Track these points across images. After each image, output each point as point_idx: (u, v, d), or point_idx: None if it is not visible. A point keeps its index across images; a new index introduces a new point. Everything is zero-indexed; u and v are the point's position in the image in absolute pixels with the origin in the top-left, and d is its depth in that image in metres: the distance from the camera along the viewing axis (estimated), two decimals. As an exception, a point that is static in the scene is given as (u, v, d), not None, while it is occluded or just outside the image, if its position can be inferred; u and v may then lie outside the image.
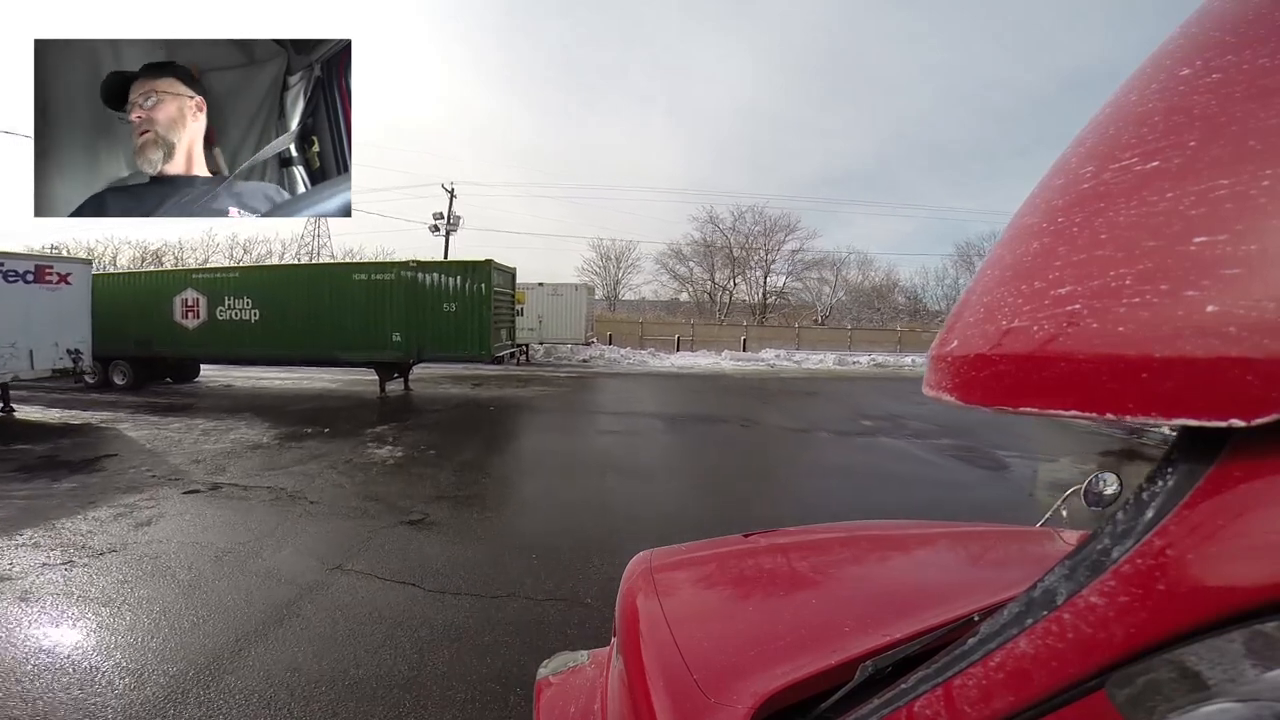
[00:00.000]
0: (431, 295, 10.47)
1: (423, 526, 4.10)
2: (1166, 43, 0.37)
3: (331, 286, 10.82)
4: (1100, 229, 0.33)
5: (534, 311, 18.55)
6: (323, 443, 6.73)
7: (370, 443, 6.74)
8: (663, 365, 18.96)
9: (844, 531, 1.54)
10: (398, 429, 7.53)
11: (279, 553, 3.61)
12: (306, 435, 7.10)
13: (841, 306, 35.51)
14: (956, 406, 0.39)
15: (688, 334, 24.26)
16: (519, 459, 6.22)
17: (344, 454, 6.18)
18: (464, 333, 10.50)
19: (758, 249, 34.38)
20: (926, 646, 0.74)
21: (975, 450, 6.80)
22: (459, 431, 7.42)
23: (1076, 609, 0.35)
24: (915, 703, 0.47)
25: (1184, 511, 0.31)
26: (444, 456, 6.08)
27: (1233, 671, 0.27)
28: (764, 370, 18.51)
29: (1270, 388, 0.24)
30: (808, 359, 21.42)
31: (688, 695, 0.80)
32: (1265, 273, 0.25)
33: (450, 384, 12.65)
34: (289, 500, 4.67)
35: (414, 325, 10.50)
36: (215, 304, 11.39)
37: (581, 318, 19.35)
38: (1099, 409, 0.29)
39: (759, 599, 1.12)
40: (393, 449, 6.41)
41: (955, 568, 1.34)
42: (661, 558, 1.30)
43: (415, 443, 6.72)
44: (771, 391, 12.74)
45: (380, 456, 6.09)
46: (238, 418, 8.32)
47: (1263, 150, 0.27)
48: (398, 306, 10.51)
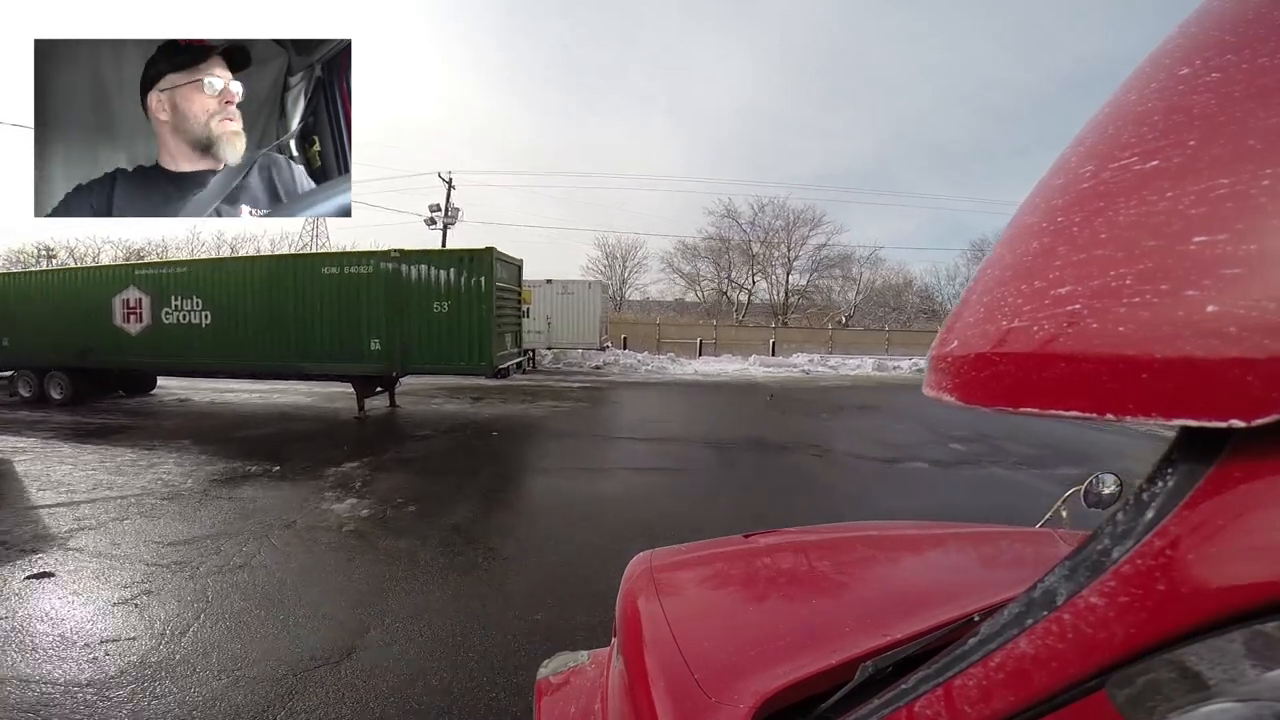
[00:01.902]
0: (418, 292, 8.51)
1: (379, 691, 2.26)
2: (1166, 42, 0.37)
3: (295, 282, 8.83)
4: (1100, 228, 0.33)
5: (541, 312, 16.54)
6: (266, 489, 5.05)
7: (330, 491, 4.97)
8: (685, 372, 17.29)
9: (844, 532, 1.55)
10: (371, 467, 5.79)
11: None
12: (248, 476, 5.46)
13: (863, 306, 33.27)
14: (957, 407, 0.39)
15: (709, 336, 22.61)
16: (534, 521, 4.34)
17: (288, 511, 4.43)
18: (459, 339, 8.55)
19: (779, 244, 32.13)
20: (927, 647, 0.74)
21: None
22: (451, 472, 5.70)
23: (1076, 609, 0.35)
24: (915, 703, 0.47)
25: (1184, 512, 0.31)
26: (427, 516, 4.34)
27: (1233, 671, 0.27)
28: (800, 378, 16.60)
29: (1270, 388, 0.24)
30: (843, 364, 19.48)
31: (689, 694, 0.80)
32: (1265, 273, 0.25)
33: (444, 398, 10.84)
34: (147, 632, 2.66)
35: (396, 330, 8.57)
36: (161, 305, 9.50)
37: (595, 319, 17.31)
38: (1099, 409, 0.29)
39: (759, 599, 1.13)
40: (358, 503, 4.67)
41: (955, 568, 1.34)
42: (662, 558, 1.30)
43: (391, 492, 4.97)
44: (821, 405, 10.85)
45: (338, 517, 4.32)
46: (173, 446, 6.71)
47: (1263, 150, 0.27)
48: (376, 307, 8.59)
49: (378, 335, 8.64)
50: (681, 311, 33.35)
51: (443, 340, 8.59)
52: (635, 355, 18.91)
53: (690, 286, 35.30)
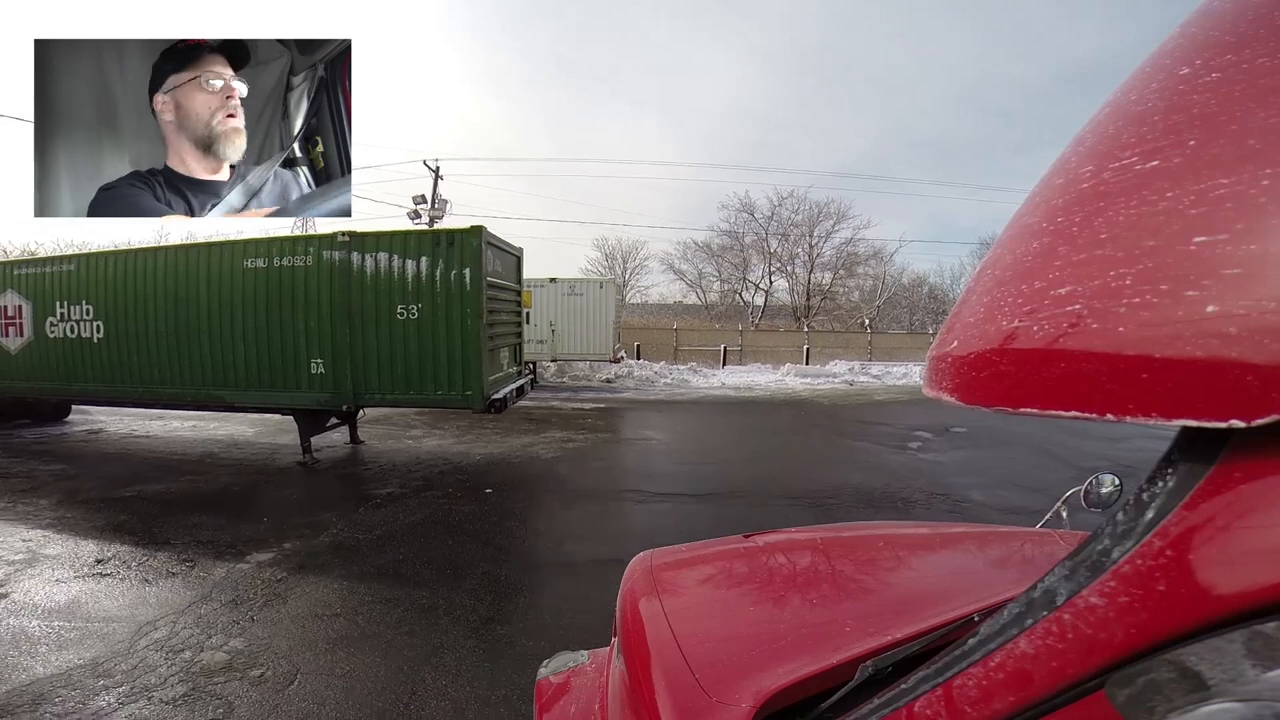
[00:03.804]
0: (377, 292, 5.97)
1: None
2: (1166, 42, 0.37)
3: (209, 281, 6.34)
4: (1100, 229, 0.33)
5: (544, 317, 13.90)
6: (91, 617, 2.97)
7: (197, 625, 2.87)
8: (711, 385, 14.78)
9: (844, 532, 1.55)
10: (292, 563, 3.67)
11: None
12: (89, 574, 3.49)
13: (883, 307, 29.04)
14: (957, 407, 0.39)
15: (732, 342, 19.66)
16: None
17: (94, 675, 2.46)
18: (434, 358, 5.98)
19: (802, 240, 28.50)
20: (927, 647, 0.74)
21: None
22: (419, 575, 3.54)
23: (1076, 609, 0.35)
24: (915, 703, 0.47)
25: (1184, 512, 0.31)
26: (364, 703, 2.30)
27: (1233, 671, 0.27)
28: (845, 390, 14.11)
29: (1270, 388, 0.24)
30: (887, 373, 16.83)
31: (689, 694, 0.80)
32: (1265, 273, 0.25)
33: (424, 428, 8.41)
34: None
35: (346, 346, 6.05)
36: (44, 314, 7.18)
37: (608, 325, 14.47)
38: (1099, 410, 0.29)
39: (760, 599, 1.13)
40: (234, 659, 2.58)
41: (955, 568, 1.34)
42: (663, 558, 1.30)
43: (307, 626, 2.88)
44: (896, 429, 8.43)
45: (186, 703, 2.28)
46: (21, 512, 4.68)
47: (1263, 150, 0.27)
48: (318, 313, 6.06)
49: (321, 354, 6.10)
50: (694, 315, 29.50)
51: (411, 360, 5.99)
52: (651, 366, 16.52)
53: (692, 288, 32.06)
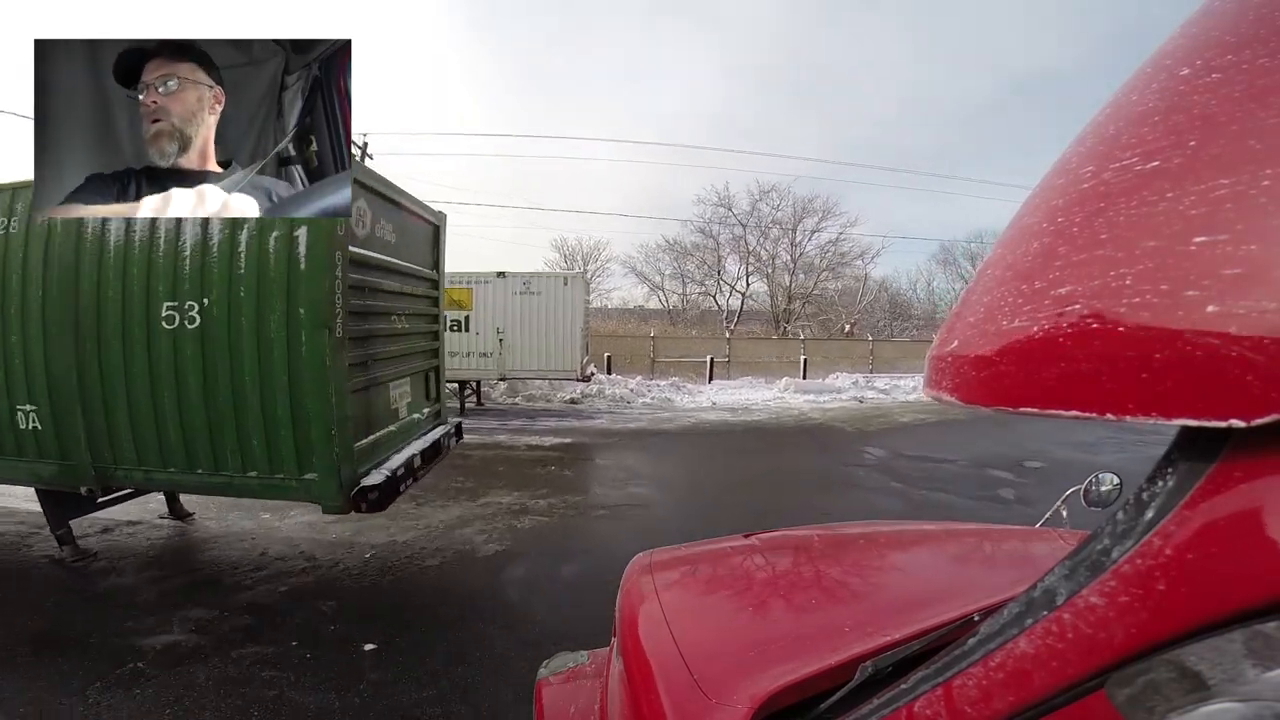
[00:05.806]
0: (124, 277, 3.05)
1: None
2: (1167, 42, 0.37)
3: None
4: (1100, 229, 0.33)
5: (488, 322, 10.46)
6: None
7: None
8: (700, 406, 11.95)
9: (844, 532, 1.55)
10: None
11: None
12: None
13: (863, 312, 26.27)
14: (957, 407, 0.39)
15: (719, 352, 16.68)
16: None
17: None
18: (238, 402, 2.98)
19: (782, 238, 26.02)
20: (926, 647, 0.74)
21: None
22: None
23: (1076, 609, 0.35)
24: (915, 703, 0.47)
25: (1184, 511, 0.31)
26: None
27: (1233, 671, 0.27)
28: (862, 410, 11.42)
29: (1270, 388, 0.24)
30: (895, 386, 14.49)
31: (688, 695, 0.80)
32: (1265, 273, 0.25)
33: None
34: None
35: (74, 379, 3.21)
36: None
37: (575, 332, 10.71)
38: (1099, 409, 0.29)
39: (759, 599, 1.13)
40: None
41: (955, 568, 1.34)
42: (662, 557, 1.30)
43: None
44: (968, 470, 6.29)
45: None
46: None
47: (1263, 150, 0.27)
48: (21, 319, 3.29)
49: (32, 395, 3.37)
50: (660, 320, 26.91)
51: (193, 408, 3.08)
52: (626, 382, 13.25)
53: (655, 292, 29.34)
